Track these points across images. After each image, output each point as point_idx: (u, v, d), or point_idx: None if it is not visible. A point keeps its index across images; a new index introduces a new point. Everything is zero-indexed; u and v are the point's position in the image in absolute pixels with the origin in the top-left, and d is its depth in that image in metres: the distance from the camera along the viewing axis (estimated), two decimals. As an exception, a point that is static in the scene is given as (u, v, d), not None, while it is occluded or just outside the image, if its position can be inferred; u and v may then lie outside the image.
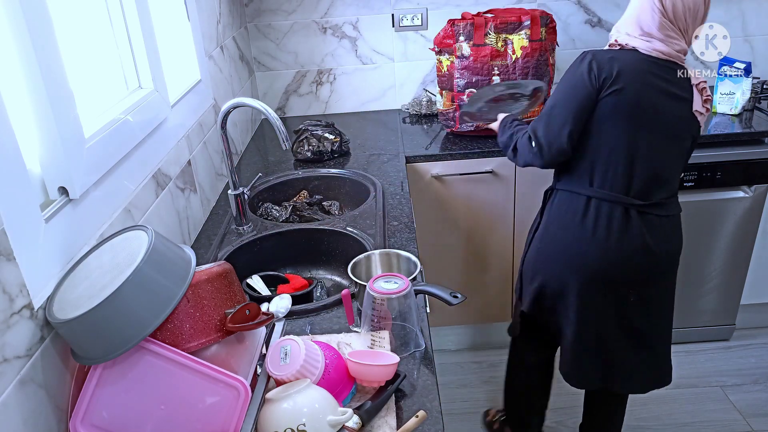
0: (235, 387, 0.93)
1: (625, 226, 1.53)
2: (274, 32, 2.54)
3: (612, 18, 2.52)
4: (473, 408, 2.28)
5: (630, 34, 1.49)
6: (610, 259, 1.55)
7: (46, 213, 0.93)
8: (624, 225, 1.53)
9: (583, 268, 1.58)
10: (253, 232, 1.64)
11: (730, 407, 2.21)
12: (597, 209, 1.54)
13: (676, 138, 1.53)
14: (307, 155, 2.12)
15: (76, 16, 1.20)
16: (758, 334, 2.54)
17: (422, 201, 2.21)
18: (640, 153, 1.50)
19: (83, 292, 0.89)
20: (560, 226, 1.61)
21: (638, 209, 1.53)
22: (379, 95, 2.67)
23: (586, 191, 1.55)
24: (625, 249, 1.54)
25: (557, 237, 1.62)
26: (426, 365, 1.13)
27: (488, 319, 2.48)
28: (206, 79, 1.85)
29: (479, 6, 2.48)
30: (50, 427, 0.88)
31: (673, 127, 1.51)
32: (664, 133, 1.51)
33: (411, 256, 1.31)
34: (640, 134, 1.49)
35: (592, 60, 1.48)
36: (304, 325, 1.26)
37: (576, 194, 1.57)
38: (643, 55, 1.48)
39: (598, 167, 1.52)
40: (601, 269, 1.56)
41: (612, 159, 1.50)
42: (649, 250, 1.54)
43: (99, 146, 1.10)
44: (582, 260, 1.57)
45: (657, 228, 1.55)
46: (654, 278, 1.60)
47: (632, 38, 1.49)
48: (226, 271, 1.03)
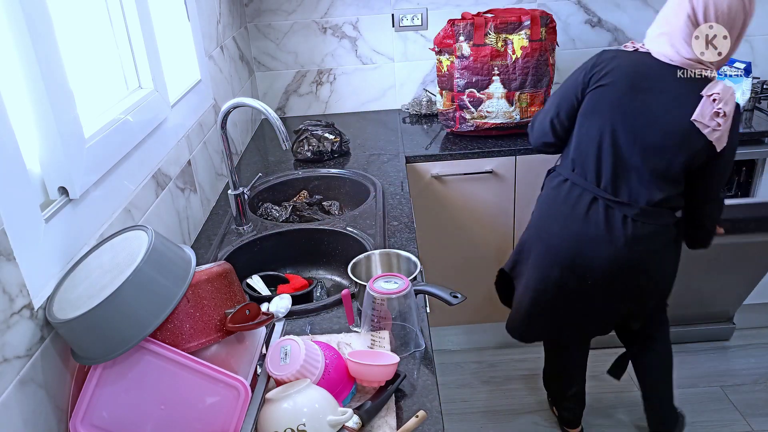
0: (235, 387, 0.93)
1: (587, 213, 1.60)
2: (274, 32, 2.54)
3: (612, 18, 2.52)
4: (473, 408, 2.28)
5: (650, 35, 1.53)
6: (565, 236, 1.64)
7: (46, 213, 0.93)
8: (587, 211, 1.60)
9: (545, 237, 1.69)
10: (253, 232, 1.64)
11: (730, 407, 2.21)
12: (569, 190, 1.64)
13: (660, 146, 1.50)
14: (307, 155, 2.12)
15: (76, 16, 1.20)
16: (758, 334, 2.54)
17: (422, 201, 2.21)
18: (607, 148, 1.54)
19: (83, 292, 0.89)
20: (543, 200, 1.75)
21: (606, 202, 1.58)
22: (379, 95, 2.67)
23: (567, 174, 1.65)
24: (584, 233, 1.61)
25: (538, 209, 1.76)
26: (426, 365, 1.13)
27: (488, 319, 2.48)
28: (206, 79, 1.85)
29: (479, 6, 2.48)
30: (50, 427, 0.88)
31: (656, 133, 1.49)
32: (642, 135, 1.50)
33: (411, 256, 1.31)
34: (613, 130, 1.52)
35: (596, 57, 1.58)
36: (304, 325, 1.26)
37: (559, 175, 1.69)
38: (651, 59, 1.49)
39: (577, 155, 1.62)
40: (558, 243, 1.66)
41: (586, 150, 1.59)
42: (610, 242, 1.58)
43: (99, 146, 1.10)
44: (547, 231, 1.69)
45: (626, 227, 1.56)
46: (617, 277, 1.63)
47: (649, 40, 1.52)
48: (226, 271, 1.03)
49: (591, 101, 1.56)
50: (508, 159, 2.15)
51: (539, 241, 1.72)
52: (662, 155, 1.51)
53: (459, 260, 2.34)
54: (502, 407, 2.28)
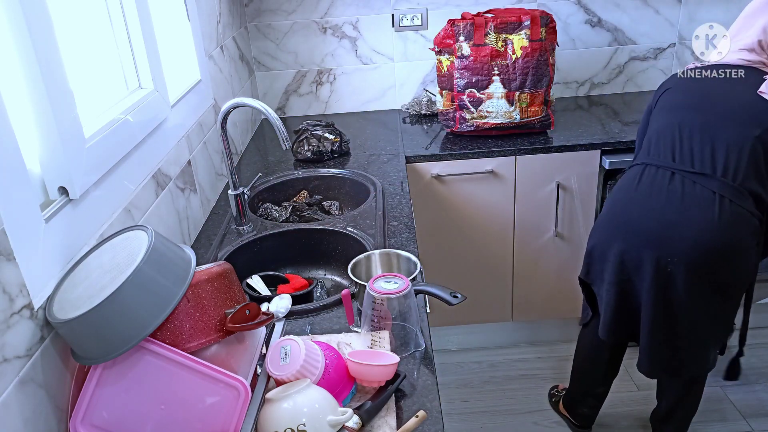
0: (235, 387, 0.93)
1: (668, 188, 1.57)
2: (274, 32, 2.54)
3: (612, 18, 2.52)
4: (473, 408, 2.28)
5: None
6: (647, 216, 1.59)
7: (46, 213, 0.93)
8: (668, 186, 1.57)
9: (624, 223, 1.63)
10: (253, 232, 1.64)
11: (730, 407, 2.21)
12: (642, 172, 1.64)
13: (729, 117, 1.54)
14: (307, 155, 2.12)
15: (76, 16, 1.20)
16: (758, 334, 2.54)
17: (422, 201, 2.21)
18: (677, 130, 1.59)
19: (83, 292, 0.89)
20: (615, 191, 1.72)
21: (683, 175, 1.56)
22: (379, 95, 2.67)
23: (641, 160, 1.67)
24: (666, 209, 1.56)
25: (609, 204, 1.73)
26: (426, 365, 1.13)
27: (488, 319, 2.48)
28: (206, 79, 1.85)
29: (479, 6, 2.48)
30: (50, 427, 0.88)
31: (724, 107, 1.55)
32: (710, 110, 1.56)
33: (411, 256, 1.31)
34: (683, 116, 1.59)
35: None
36: (304, 325, 1.26)
37: (631, 168, 1.71)
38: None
39: (647, 143, 1.67)
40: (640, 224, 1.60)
41: (657, 136, 1.64)
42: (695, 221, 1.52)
43: (99, 146, 1.10)
44: (626, 217, 1.64)
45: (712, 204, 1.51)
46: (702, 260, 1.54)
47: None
48: (226, 271, 1.03)
49: (658, 105, 1.68)
50: (508, 159, 2.15)
51: (617, 230, 1.64)
52: (734, 128, 1.51)
53: (459, 260, 2.34)
54: (502, 407, 2.28)
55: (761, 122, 1.49)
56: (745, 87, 1.52)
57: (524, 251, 2.32)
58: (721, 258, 1.53)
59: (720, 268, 1.55)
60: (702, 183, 1.52)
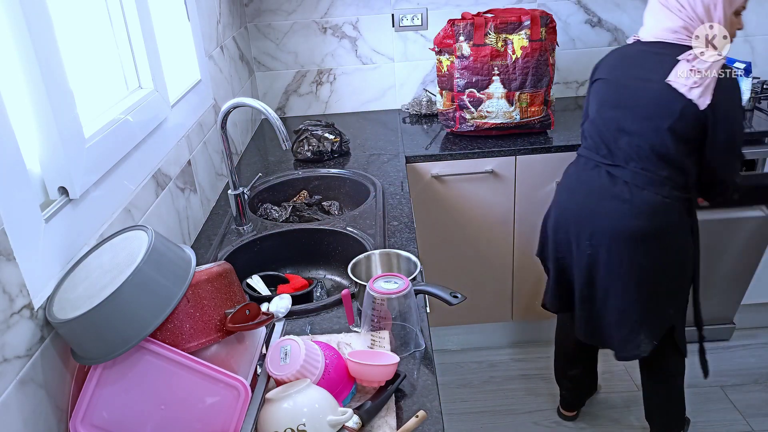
0: (235, 387, 0.93)
1: (590, 178, 1.70)
2: (274, 32, 2.54)
3: (612, 18, 2.52)
4: (473, 408, 2.28)
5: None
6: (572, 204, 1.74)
7: (46, 213, 0.93)
8: (590, 177, 1.70)
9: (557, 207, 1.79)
10: (253, 232, 1.64)
11: (730, 407, 2.21)
12: (576, 161, 1.78)
13: (644, 115, 1.59)
14: (307, 155, 2.12)
15: (76, 16, 1.20)
16: (758, 334, 2.54)
17: (422, 201, 2.21)
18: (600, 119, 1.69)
19: (83, 292, 0.89)
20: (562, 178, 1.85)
21: (607, 168, 1.66)
22: (379, 95, 2.67)
23: (579, 150, 1.79)
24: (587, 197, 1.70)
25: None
26: (426, 365, 1.13)
27: (488, 319, 2.48)
28: (206, 79, 1.85)
29: (479, 6, 2.48)
30: (50, 427, 0.88)
31: (636, 100, 1.60)
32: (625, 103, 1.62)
33: (411, 256, 1.31)
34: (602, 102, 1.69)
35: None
36: (304, 325, 1.26)
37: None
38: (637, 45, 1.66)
39: (583, 130, 1.79)
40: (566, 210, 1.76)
41: (590, 125, 1.73)
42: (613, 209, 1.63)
43: (99, 146, 1.10)
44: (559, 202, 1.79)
45: (627, 192, 1.62)
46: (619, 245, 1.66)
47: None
48: (226, 271, 1.03)
49: (591, 95, 1.75)
50: (508, 159, 2.15)
51: (556, 214, 1.80)
52: (647, 122, 1.57)
53: (459, 260, 2.34)
54: (502, 407, 2.28)
55: (671, 113, 1.52)
56: (660, 75, 1.54)
57: (524, 251, 2.32)
58: (638, 244, 1.62)
59: (637, 255, 1.63)
60: (617, 174, 1.63)
